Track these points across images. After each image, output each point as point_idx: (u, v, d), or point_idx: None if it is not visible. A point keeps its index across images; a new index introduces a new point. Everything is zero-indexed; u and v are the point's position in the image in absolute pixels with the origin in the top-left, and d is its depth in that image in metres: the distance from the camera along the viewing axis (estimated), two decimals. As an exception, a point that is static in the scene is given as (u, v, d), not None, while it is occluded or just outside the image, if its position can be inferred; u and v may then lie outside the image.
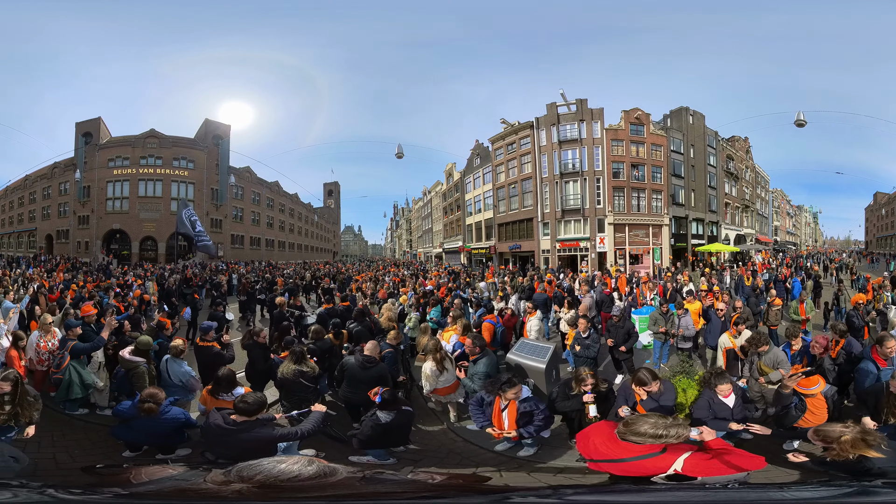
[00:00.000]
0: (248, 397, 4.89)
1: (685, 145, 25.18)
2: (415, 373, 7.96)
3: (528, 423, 5.31)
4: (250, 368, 7.42)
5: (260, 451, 4.39)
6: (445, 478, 5.02)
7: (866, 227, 31.86)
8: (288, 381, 6.38)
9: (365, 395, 5.88)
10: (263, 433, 4.76)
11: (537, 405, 5.45)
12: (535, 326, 8.63)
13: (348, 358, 6.68)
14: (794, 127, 23.02)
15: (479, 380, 6.23)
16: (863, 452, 3.74)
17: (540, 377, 7.04)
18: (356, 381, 6.28)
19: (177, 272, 20.21)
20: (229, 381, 5.93)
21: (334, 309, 10.85)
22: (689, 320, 8.71)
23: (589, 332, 7.60)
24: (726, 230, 27.91)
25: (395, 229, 43.45)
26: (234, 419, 4.71)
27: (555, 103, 23.80)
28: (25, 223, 28.87)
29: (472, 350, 6.56)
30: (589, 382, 5.39)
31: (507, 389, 5.32)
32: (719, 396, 5.21)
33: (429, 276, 20.22)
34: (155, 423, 5.16)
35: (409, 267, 29.63)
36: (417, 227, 38.88)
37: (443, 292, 14.08)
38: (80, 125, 26.64)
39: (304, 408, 5.62)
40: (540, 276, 17.64)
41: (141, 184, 26.90)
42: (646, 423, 3.79)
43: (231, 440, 4.67)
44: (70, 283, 15.21)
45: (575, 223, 23.93)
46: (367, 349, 6.46)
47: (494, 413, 5.45)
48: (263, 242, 31.76)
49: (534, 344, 7.77)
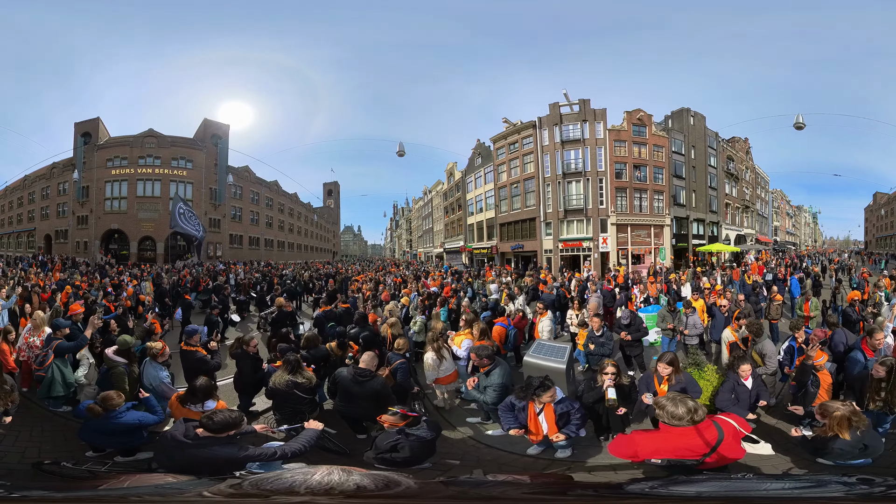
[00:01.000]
0: (218, 415, 4.48)
1: (686, 146, 25.23)
2: (422, 380, 7.78)
3: (566, 423, 5.24)
4: (239, 378, 7.11)
5: (217, 469, 4.20)
6: (531, 478, 5.02)
7: (866, 228, 31.93)
8: (280, 392, 6.01)
9: (362, 410, 5.67)
10: (225, 452, 4.35)
11: (572, 405, 5.38)
12: (548, 327, 8.55)
13: (341, 370, 6.24)
14: (794, 128, 23.10)
15: (495, 391, 5.94)
16: (841, 432, 4.41)
17: (560, 378, 6.88)
18: (349, 395, 5.89)
19: (174, 273, 20.16)
20: (204, 392, 5.62)
21: (332, 312, 10.45)
22: (696, 318, 9.07)
23: (602, 331, 7.68)
24: (727, 230, 28.00)
25: (395, 229, 43.33)
26: (199, 433, 4.39)
27: (557, 103, 23.81)
28: (25, 223, 28.72)
29: (481, 362, 6.18)
30: (609, 371, 5.56)
31: (543, 393, 5.18)
32: (741, 379, 5.79)
33: (431, 277, 19.89)
34: (108, 424, 5.21)
35: (409, 267, 29.42)
36: (418, 226, 38.81)
37: (447, 291, 13.80)
38: (79, 125, 26.48)
39: (297, 421, 5.35)
40: (536, 277, 17.50)
41: (139, 184, 26.73)
42: (684, 404, 4.05)
43: (184, 454, 4.32)
44: (65, 283, 15.22)
45: (577, 223, 23.92)
46: (364, 361, 5.98)
47: (530, 418, 5.31)
48: (262, 242, 31.59)
49: (551, 345, 7.71)
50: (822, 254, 31.67)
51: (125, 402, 5.41)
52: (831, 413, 4.51)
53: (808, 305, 10.52)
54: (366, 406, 5.77)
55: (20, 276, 16.37)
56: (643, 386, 5.69)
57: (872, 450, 4.60)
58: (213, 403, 5.64)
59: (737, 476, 4.28)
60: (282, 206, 33.33)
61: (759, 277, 15.73)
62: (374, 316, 10.20)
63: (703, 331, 9.20)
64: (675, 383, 5.54)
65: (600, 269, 22.20)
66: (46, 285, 14.05)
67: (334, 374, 6.18)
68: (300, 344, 7.53)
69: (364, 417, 5.96)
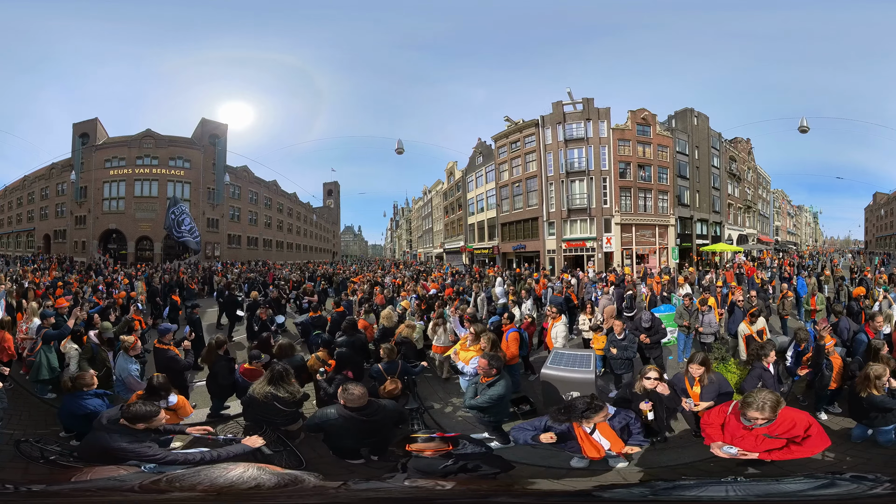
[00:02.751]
0: (136, 406, 4.51)
1: (690, 146, 25.17)
2: (422, 392, 7.60)
3: (629, 434, 4.86)
4: (212, 382, 6.93)
5: (95, 458, 4.32)
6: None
7: (866, 227, 31.98)
8: (257, 402, 5.49)
9: (370, 444, 5.11)
10: (106, 441, 4.34)
11: (628, 415, 4.97)
12: (562, 333, 8.03)
13: (326, 412, 5.12)
14: (796, 128, 23.11)
15: (489, 403, 5.51)
16: (872, 390, 5.24)
17: (589, 389, 6.36)
18: (347, 433, 5.04)
19: (168, 272, 20.10)
20: (158, 389, 5.46)
21: (321, 318, 9.85)
22: (712, 316, 9.21)
23: (625, 334, 7.48)
24: (729, 230, 27.97)
25: (395, 229, 43.10)
26: (122, 423, 4.41)
27: (560, 102, 23.68)
28: (24, 223, 28.70)
29: (488, 372, 5.67)
30: (652, 375, 5.38)
31: (594, 415, 4.68)
32: (766, 366, 6.06)
33: (431, 278, 19.18)
34: (74, 404, 5.46)
35: (409, 267, 28.98)
36: (418, 226, 38.61)
37: (449, 293, 13.35)
38: (77, 126, 26.43)
39: (267, 430, 5.15)
40: (524, 281, 17.07)
41: (137, 184, 26.59)
42: (770, 400, 4.26)
43: (91, 436, 4.51)
44: (57, 280, 15.93)
45: (581, 223, 23.78)
46: (356, 398, 4.93)
47: (580, 439, 4.81)
48: (261, 242, 31.36)
49: (571, 353, 7.27)
50: (823, 254, 31.69)
51: (95, 388, 5.64)
52: (867, 373, 5.32)
53: (815, 300, 11.23)
54: (377, 439, 5.22)
55: (18, 274, 16.91)
56: (678, 385, 5.60)
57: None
58: (173, 398, 5.57)
59: (729, 479, 4.41)
60: (281, 206, 33.10)
61: (755, 278, 16.18)
62: (364, 323, 9.36)
63: (717, 328, 9.35)
64: (707, 384, 5.47)
65: (604, 269, 22.07)
66: (41, 283, 14.71)
67: (315, 418, 5.19)
68: (274, 351, 7.11)
69: (375, 449, 5.31)
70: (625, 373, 7.45)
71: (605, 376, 8.05)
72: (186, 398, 6.18)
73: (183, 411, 5.69)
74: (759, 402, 4.18)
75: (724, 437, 4.55)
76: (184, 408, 5.73)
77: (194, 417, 6.41)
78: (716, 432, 4.63)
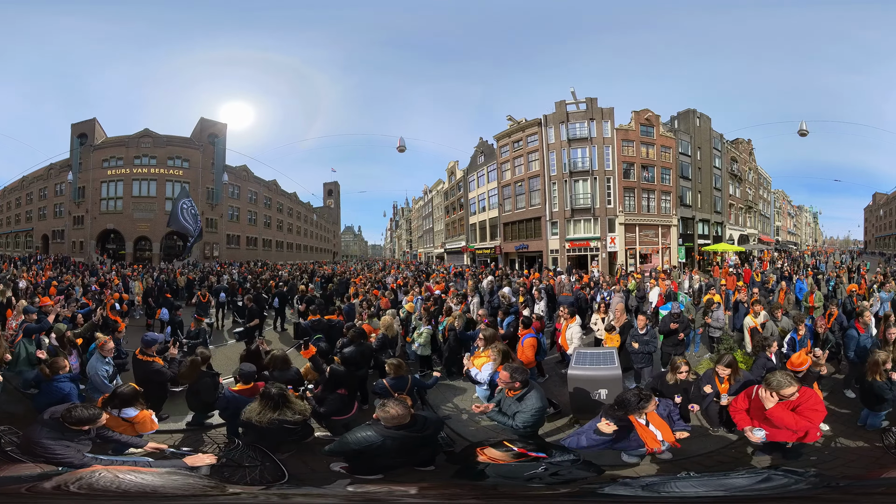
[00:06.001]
0: (75, 409, 4.47)
1: (692, 147, 25.23)
2: (433, 400, 7.36)
3: (672, 422, 5.05)
4: (193, 398, 6.58)
5: (25, 449, 4.42)
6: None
7: (865, 227, 32.17)
8: (260, 428, 5.24)
9: (407, 460, 4.95)
10: (33, 434, 4.37)
11: (667, 403, 5.19)
12: (577, 334, 7.92)
13: (364, 436, 4.76)
14: (796, 130, 23.24)
15: (533, 416, 5.10)
16: (876, 376, 5.70)
17: (617, 385, 6.39)
18: (390, 455, 4.79)
19: (165, 272, 19.95)
20: (124, 399, 5.29)
21: (321, 322, 9.36)
22: (720, 312, 9.75)
23: (647, 329, 7.67)
24: (730, 230, 28.05)
25: (395, 229, 42.97)
26: (59, 420, 4.44)
27: (564, 101, 23.63)
28: (23, 223, 28.60)
29: (511, 385, 5.25)
30: (684, 369, 5.88)
31: (647, 405, 4.81)
32: (770, 356, 6.60)
33: (434, 279, 18.40)
34: (48, 387, 5.77)
35: (409, 267, 28.34)
36: (418, 226, 38.48)
37: (451, 294, 12.81)
38: (76, 126, 26.28)
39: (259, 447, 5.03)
40: (510, 280, 16.83)
41: (135, 184, 26.45)
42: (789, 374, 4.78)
43: (29, 429, 4.53)
44: (51, 280, 16.21)
45: (585, 223, 23.75)
46: (395, 418, 4.71)
47: (641, 432, 4.83)
48: (261, 242, 31.16)
49: (593, 352, 7.29)
50: (822, 254, 31.81)
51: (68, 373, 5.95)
52: (875, 359, 5.76)
53: (813, 298, 12.00)
54: (426, 451, 5.13)
55: (12, 274, 17.19)
56: (706, 379, 5.87)
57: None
58: (132, 412, 5.34)
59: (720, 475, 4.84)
60: (280, 205, 32.91)
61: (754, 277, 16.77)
62: (370, 328, 8.78)
63: (724, 323, 9.85)
64: (734, 383, 5.64)
65: (608, 269, 22.05)
66: (37, 283, 15.22)
67: (349, 444, 4.80)
68: (265, 363, 6.75)
69: (423, 461, 5.19)
70: (644, 367, 7.65)
71: (627, 372, 8.02)
72: (159, 410, 6.29)
73: (142, 426, 5.42)
74: (786, 381, 4.58)
75: (752, 421, 4.86)
76: (143, 423, 5.44)
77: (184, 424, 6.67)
78: (744, 417, 4.96)
